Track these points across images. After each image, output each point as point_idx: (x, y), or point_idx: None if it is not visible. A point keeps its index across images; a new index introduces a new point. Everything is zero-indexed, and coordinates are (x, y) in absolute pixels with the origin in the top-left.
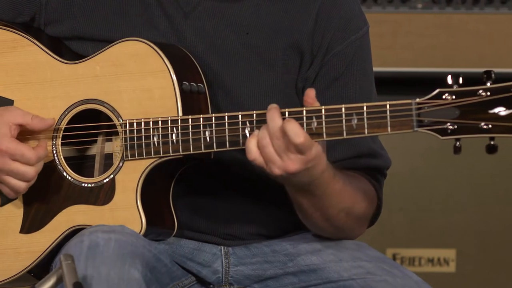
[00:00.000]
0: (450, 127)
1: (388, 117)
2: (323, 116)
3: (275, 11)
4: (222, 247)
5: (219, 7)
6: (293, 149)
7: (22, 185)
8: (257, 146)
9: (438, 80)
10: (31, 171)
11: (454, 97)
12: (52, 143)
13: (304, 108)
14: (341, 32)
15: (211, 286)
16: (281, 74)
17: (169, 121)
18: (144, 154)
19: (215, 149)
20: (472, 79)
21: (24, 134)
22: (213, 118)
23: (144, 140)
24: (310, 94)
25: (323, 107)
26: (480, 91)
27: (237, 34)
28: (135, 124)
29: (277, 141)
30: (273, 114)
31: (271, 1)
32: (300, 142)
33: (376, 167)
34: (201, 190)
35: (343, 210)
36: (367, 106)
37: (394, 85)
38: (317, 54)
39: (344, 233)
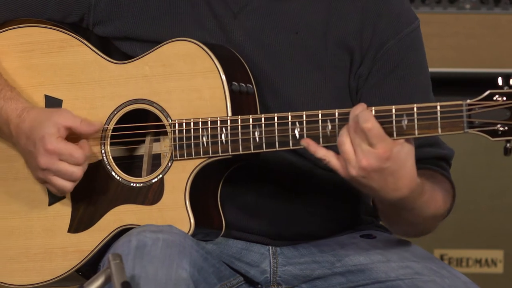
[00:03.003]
0: (501, 128)
1: (439, 118)
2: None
3: (322, 9)
4: (270, 247)
5: (267, 6)
6: (364, 138)
7: (68, 185)
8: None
9: (485, 81)
10: (79, 171)
11: (505, 98)
12: (100, 142)
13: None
14: (393, 26)
15: (259, 286)
16: (330, 74)
17: (219, 121)
18: (193, 154)
19: (264, 150)
20: None
21: (71, 135)
22: (263, 118)
23: (193, 140)
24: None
25: (372, 108)
26: None
27: (286, 33)
28: (184, 124)
29: (352, 131)
30: (357, 106)
31: None
32: (367, 127)
33: (443, 157)
34: (249, 191)
35: (429, 217)
36: (417, 107)
37: (441, 85)
38: (368, 50)
39: (426, 231)
